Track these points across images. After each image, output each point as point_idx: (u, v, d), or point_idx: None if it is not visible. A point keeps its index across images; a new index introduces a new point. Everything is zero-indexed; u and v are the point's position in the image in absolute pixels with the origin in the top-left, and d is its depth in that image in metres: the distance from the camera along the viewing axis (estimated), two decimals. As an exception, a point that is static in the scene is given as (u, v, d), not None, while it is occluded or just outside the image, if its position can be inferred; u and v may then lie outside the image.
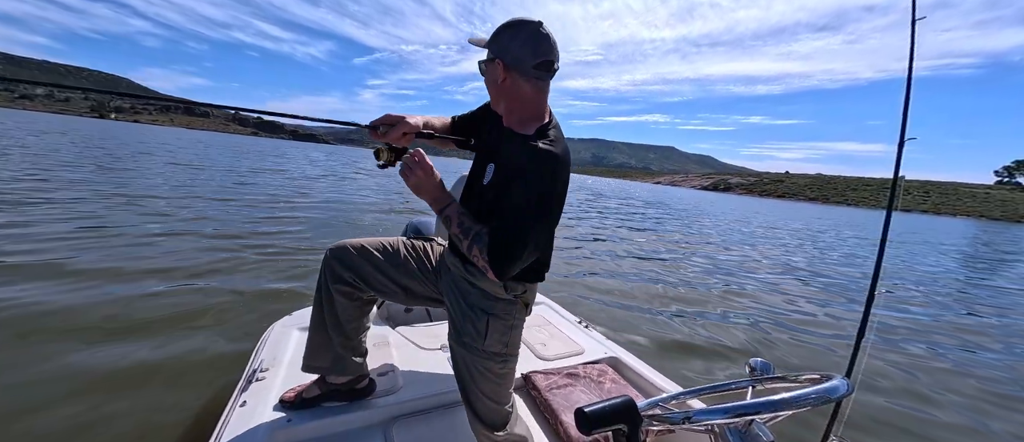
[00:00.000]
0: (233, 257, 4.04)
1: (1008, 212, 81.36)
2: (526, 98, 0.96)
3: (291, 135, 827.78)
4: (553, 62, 0.94)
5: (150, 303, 2.80)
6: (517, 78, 0.93)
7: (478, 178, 1.05)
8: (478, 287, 1.02)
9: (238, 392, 1.25)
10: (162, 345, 2.27)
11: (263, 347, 1.50)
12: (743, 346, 3.34)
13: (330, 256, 1.12)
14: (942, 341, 3.99)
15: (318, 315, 1.15)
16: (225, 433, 1.05)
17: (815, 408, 0.50)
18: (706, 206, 29.13)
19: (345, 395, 1.21)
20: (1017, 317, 5.31)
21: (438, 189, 1.00)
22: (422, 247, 1.22)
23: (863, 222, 28.20)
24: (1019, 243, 22.30)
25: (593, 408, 0.48)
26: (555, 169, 0.90)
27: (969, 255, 13.36)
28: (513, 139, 0.96)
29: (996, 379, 3.19)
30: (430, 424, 1.23)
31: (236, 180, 11.07)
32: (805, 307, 4.76)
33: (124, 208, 5.80)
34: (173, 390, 1.89)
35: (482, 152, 1.11)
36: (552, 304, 2.15)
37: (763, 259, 8.11)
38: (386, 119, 1.04)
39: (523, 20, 0.93)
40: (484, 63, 0.98)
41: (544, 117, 0.98)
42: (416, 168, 0.99)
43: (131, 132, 50.87)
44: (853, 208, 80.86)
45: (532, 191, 0.88)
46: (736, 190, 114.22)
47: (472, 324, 1.01)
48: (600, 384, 1.43)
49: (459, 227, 0.96)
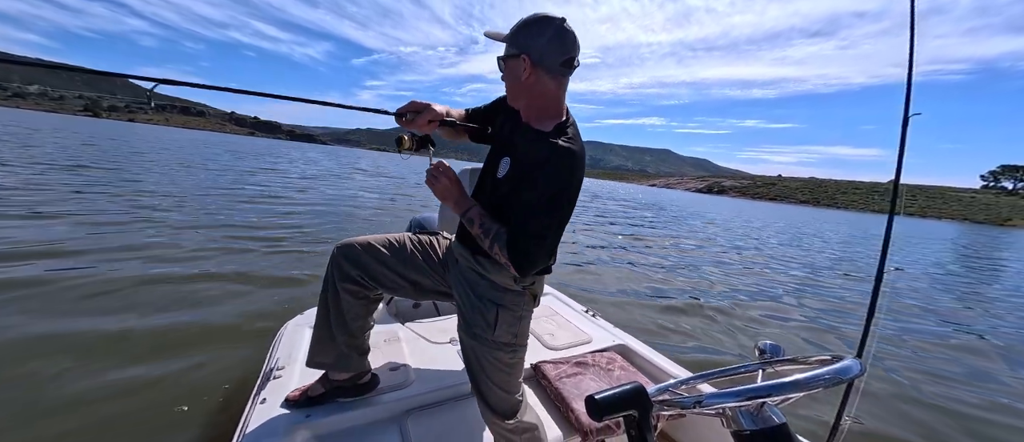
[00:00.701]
0: (241, 258, 4.00)
1: (991, 215, 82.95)
2: (549, 94, 0.96)
3: (288, 135, 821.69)
4: (575, 58, 0.94)
5: (164, 301, 2.78)
6: (543, 75, 0.93)
7: (492, 171, 1.05)
8: (487, 278, 1.03)
9: (257, 389, 1.27)
10: (178, 344, 2.26)
11: (278, 345, 1.52)
12: (749, 329, 3.38)
13: (337, 254, 1.12)
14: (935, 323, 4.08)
15: (323, 312, 1.15)
16: (248, 428, 1.08)
17: (827, 389, 0.49)
18: (699, 207, 29.41)
19: (349, 391, 1.21)
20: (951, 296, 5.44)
21: (461, 194, 1.03)
22: (429, 241, 1.23)
23: (851, 222, 28.68)
24: (980, 242, 22.88)
25: (603, 395, 0.47)
26: (573, 166, 0.90)
27: (944, 252, 13.73)
28: (531, 135, 0.96)
29: (978, 350, 3.27)
30: (443, 416, 1.24)
31: (237, 178, 10.98)
32: (805, 295, 4.84)
33: (128, 206, 5.73)
34: (193, 387, 1.89)
35: (497, 145, 1.11)
36: (559, 295, 2.16)
37: (762, 253, 8.23)
38: (412, 106, 1.06)
39: (547, 16, 0.92)
40: (504, 58, 0.97)
41: (562, 114, 0.98)
42: (441, 176, 1.03)
43: (137, 132, 50.30)
44: (842, 211, 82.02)
45: (551, 187, 0.89)
46: (730, 193, 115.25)
47: (481, 315, 1.02)
48: (609, 372, 1.44)
49: (481, 228, 0.97)
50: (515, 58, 0.93)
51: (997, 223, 76.63)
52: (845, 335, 3.61)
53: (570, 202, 0.92)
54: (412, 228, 1.82)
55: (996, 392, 2.79)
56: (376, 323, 1.29)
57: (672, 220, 15.72)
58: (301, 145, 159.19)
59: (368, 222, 7.22)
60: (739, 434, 0.49)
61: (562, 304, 2.06)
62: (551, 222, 0.90)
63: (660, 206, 25.46)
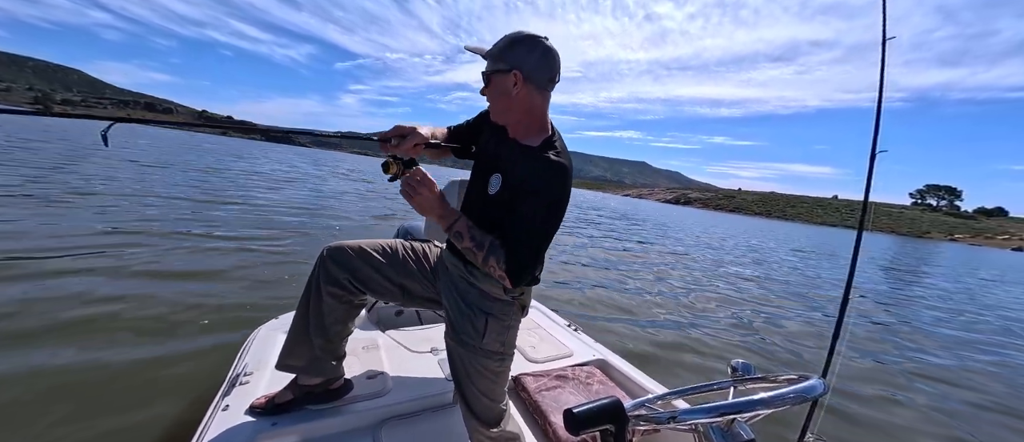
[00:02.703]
0: (215, 260, 3.76)
1: (914, 228, 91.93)
2: (536, 109, 0.97)
3: (264, 136, 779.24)
4: (558, 75, 0.97)
5: (128, 305, 2.56)
6: (532, 90, 0.94)
7: (481, 187, 1.03)
8: (477, 287, 1.02)
9: (220, 396, 1.17)
10: (141, 347, 2.09)
11: (247, 350, 1.43)
12: (725, 348, 3.51)
13: (326, 256, 1.08)
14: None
15: (302, 314, 1.10)
16: (207, 437, 0.99)
17: (793, 407, 0.51)
18: (664, 218, 30.57)
19: (320, 397, 1.14)
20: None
21: (443, 206, 0.97)
22: (421, 249, 1.21)
23: (791, 233, 30.87)
24: (905, 251, 25.25)
25: (581, 409, 0.48)
26: (565, 180, 0.92)
27: (878, 262, 15.08)
28: (521, 150, 0.97)
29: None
30: (419, 426, 1.20)
31: (208, 180, 10.28)
32: (775, 312, 5.07)
33: (85, 207, 5.22)
34: (152, 394, 1.75)
35: (483, 161, 1.09)
36: (542, 308, 2.16)
37: (722, 264, 8.63)
38: (397, 131, 1.02)
39: (533, 35, 0.94)
40: (492, 74, 0.96)
41: (548, 128, 1.00)
42: (420, 187, 0.96)
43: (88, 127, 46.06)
44: (790, 222, 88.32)
45: (545, 201, 0.90)
46: (695, 204, 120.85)
47: (470, 323, 1.00)
48: (588, 386, 1.45)
49: (472, 241, 0.94)
50: (505, 73, 0.93)
51: (917, 235, 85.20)
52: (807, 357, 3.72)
53: (562, 212, 0.94)
54: (400, 235, 1.78)
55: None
56: (356, 329, 1.24)
57: (648, 229, 16.22)
58: (276, 147, 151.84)
59: (353, 224, 6.97)
60: None
61: (545, 317, 2.06)
62: (547, 233, 0.92)
63: (632, 216, 26.24)
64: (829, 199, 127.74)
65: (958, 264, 19.77)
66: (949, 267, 17.08)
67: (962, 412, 2.88)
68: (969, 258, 28.19)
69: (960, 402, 3.05)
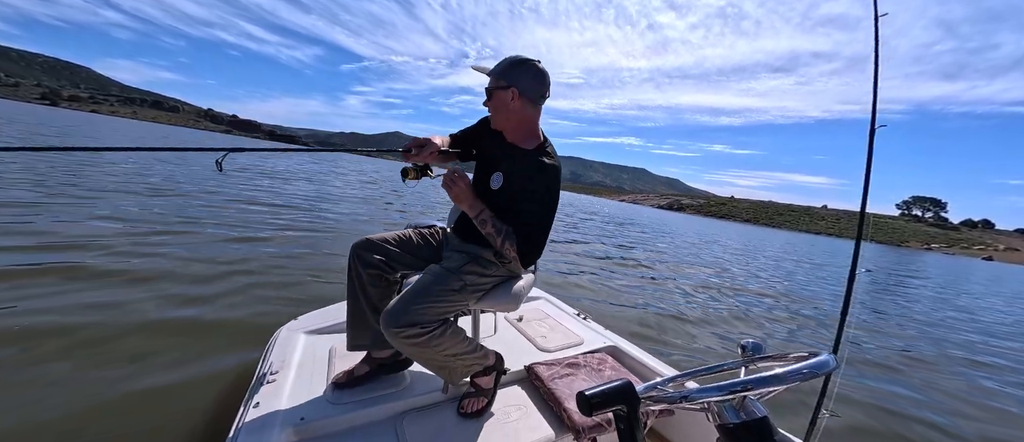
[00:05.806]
0: (234, 264, 3.67)
1: (895, 237, 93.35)
2: (529, 119, 1.17)
3: (268, 135, 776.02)
4: (548, 91, 1.18)
5: (153, 308, 2.48)
6: (527, 104, 1.14)
7: (484, 182, 1.22)
8: (472, 252, 1.22)
9: (250, 394, 1.20)
10: (168, 351, 2.04)
11: (271, 350, 1.45)
12: (732, 331, 3.50)
13: (357, 247, 1.24)
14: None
15: (354, 300, 1.24)
16: (241, 434, 1.02)
17: (805, 383, 0.49)
18: (659, 224, 30.75)
19: (392, 367, 1.29)
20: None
21: (474, 198, 1.15)
22: (429, 233, 1.39)
23: (776, 239, 31.13)
24: (887, 258, 25.60)
25: (593, 391, 0.47)
26: (557, 177, 1.15)
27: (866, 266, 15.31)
28: (519, 152, 1.16)
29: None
30: (439, 417, 1.21)
31: (219, 185, 10.18)
32: (771, 300, 5.06)
33: (92, 203, 5.14)
34: (182, 394, 1.73)
35: (484, 161, 1.28)
36: (552, 298, 2.14)
37: (724, 262, 8.68)
38: (416, 142, 1.22)
39: (527, 58, 1.14)
40: (494, 89, 1.15)
41: (540, 135, 1.21)
42: (458, 181, 1.16)
43: (94, 123, 45.06)
44: (775, 229, 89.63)
45: (544, 194, 1.10)
46: (688, 210, 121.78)
47: (459, 255, 1.19)
48: (600, 372, 1.44)
49: (493, 228, 1.12)
50: (505, 89, 1.13)
51: (896, 243, 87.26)
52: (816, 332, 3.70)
53: (556, 205, 1.16)
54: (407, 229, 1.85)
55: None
56: None
57: (642, 232, 16.30)
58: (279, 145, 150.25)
59: (370, 226, 6.96)
60: (724, 427, 0.49)
61: (554, 307, 2.04)
62: (547, 223, 1.14)
63: (629, 220, 26.35)
64: (818, 208, 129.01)
65: (904, 269, 19.54)
66: (894, 270, 16.87)
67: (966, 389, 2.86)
68: (929, 265, 28.18)
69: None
